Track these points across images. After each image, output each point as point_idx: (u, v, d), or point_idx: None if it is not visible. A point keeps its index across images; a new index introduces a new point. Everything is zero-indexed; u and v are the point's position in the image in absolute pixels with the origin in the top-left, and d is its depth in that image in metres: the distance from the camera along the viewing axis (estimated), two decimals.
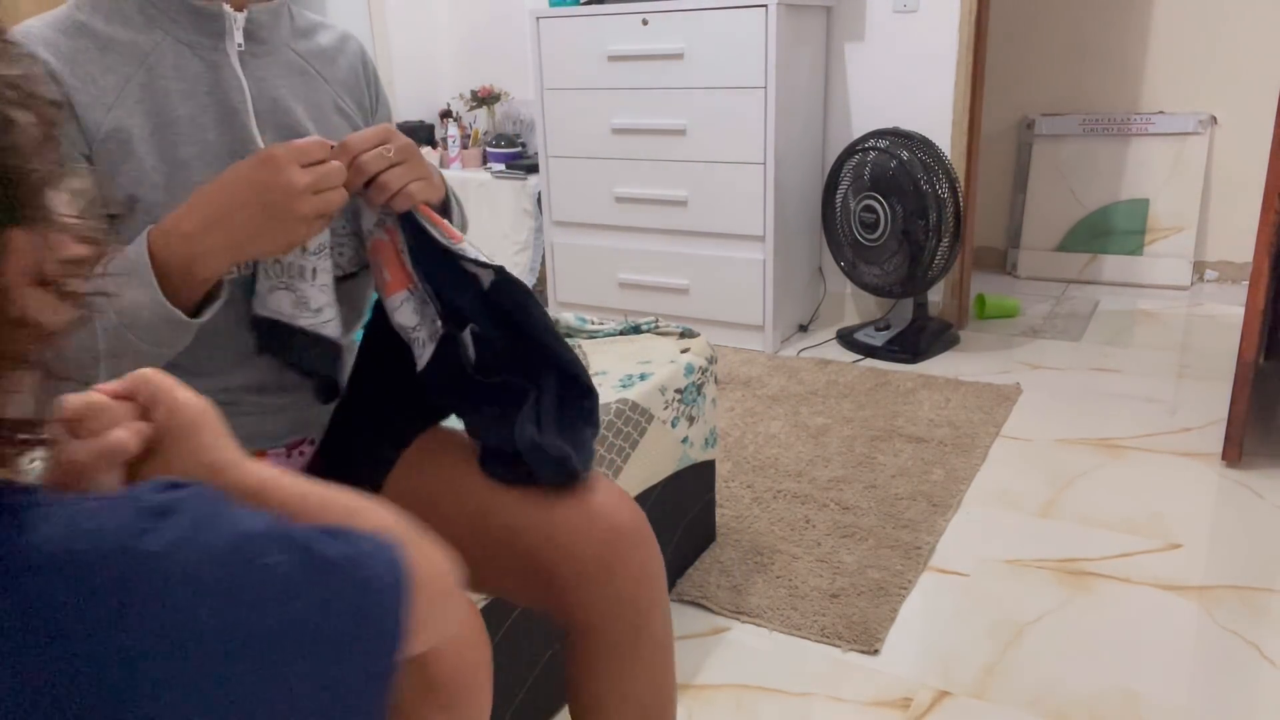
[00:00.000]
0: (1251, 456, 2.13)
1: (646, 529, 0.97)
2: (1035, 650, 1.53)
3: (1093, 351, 2.92)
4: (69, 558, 0.39)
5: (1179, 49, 3.52)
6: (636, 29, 2.93)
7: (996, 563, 1.78)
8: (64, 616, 0.38)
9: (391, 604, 0.48)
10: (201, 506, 0.43)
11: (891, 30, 3.00)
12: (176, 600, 0.40)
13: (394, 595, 0.48)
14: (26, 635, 0.38)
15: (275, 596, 0.43)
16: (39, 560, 0.39)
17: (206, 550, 0.42)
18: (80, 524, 0.40)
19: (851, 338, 3.01)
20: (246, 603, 0.42)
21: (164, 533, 0.41)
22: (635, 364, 1.63)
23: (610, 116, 3.05)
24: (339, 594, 0.46)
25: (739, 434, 2.35)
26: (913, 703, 1.42)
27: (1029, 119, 3.78)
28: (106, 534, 0.40)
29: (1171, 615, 1.61)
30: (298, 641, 0.44)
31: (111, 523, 0.41)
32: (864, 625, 1.59)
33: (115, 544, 0.40)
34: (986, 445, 2.26)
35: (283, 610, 0.43)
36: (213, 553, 0.42)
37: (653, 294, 3.17)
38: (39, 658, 0.38)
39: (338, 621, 0.45)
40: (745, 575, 1.75)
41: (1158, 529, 1.87)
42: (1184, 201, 3.56)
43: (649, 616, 0.96)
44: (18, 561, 0.38)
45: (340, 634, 0.45)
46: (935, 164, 2.77)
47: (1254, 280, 1.99)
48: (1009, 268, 3.89)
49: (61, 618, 0.38)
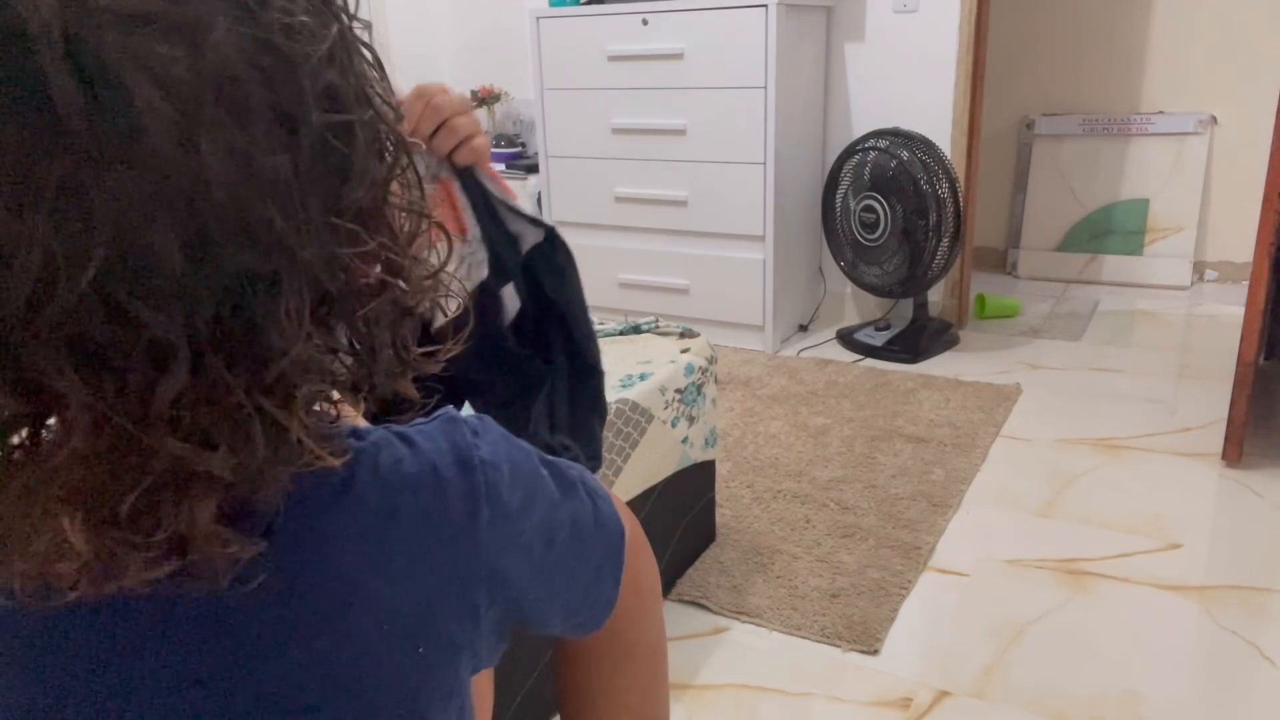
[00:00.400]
0: (1251, 456, 2.13)
1: (641, 537, 0.96)
2: (1035, 650, 1.53)
3: (1093, 351, 2.92)
4: (433, 468, 0.48)
5: (1179, 49, 3.52)
6: (636, 29, 2.93)
7: (996, 563, 1.78)
8: (440, 509, 0.48)
9: (611, 508, 0.62)
10: (496, 427, 0.54)
11: (891, 30, 3.00)
12: (502, 492, 0.51)
13: (610, 503, 0.63)
14: (426, 536, 0.48)
15: (548, 496, 0.55)
16: (414, 469, 0.48)
17: (512, 459, 0.53)
18: (428, 441, 0.49)
19: (851, 338, 3.01)
20: (537, 499, 0.54)
21: (485, 446, 0.51)
22: (635, 364, 1.63)
23: (610, 116, 3.05)
24: (583, 503, 0.59)
25: (739, 434, 2.35)
26: (913, 703, 1.42)
27: (1029, 119, 3.78)
28: (451, 447, 0.50)
29: (1171, 615, 1.61)
30: (571, 532, 0.57)
31: (450, 439, 0.50)
32: (864, 625, 1.59)
33: (462, 454, 0.50)
34: (986, 445, 2.26)
35: (553, 507, 0.56)
36: (516, 461, 0.53)
37: (653, 294, 3.17)
38: (441, 554, 0.48)
39: (585, 520, 0.59)
40: (745, 575, 1.75)
41: (1158, 529, 1.87)
42: (1184, 201, 3.56)
43: (641, 625, 0.95)
44: (394, 482, 0.47)
45: (586, 528, 0.59)
46: (935, 164, 2.77)
47: (1254, 280, 1.99)
48: (1009, 268, 3.89)
49: (437, 510, 0.48)
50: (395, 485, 0.47)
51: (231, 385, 0.39)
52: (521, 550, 0.53)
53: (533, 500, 0.54)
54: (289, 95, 0.39)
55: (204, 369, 0.39)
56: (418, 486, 0.48)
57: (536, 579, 0.55)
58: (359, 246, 0.43)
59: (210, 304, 0.38)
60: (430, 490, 0.48)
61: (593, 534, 0.60)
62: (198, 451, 0.39)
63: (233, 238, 0.37)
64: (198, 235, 0.37)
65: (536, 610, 0.56)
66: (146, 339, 0.37)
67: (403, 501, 0.47)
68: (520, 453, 0.55)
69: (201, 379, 0.39)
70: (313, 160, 0.40)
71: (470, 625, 0.50)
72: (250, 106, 0.37)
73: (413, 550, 0.47)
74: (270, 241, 0.38)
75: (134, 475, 0.39)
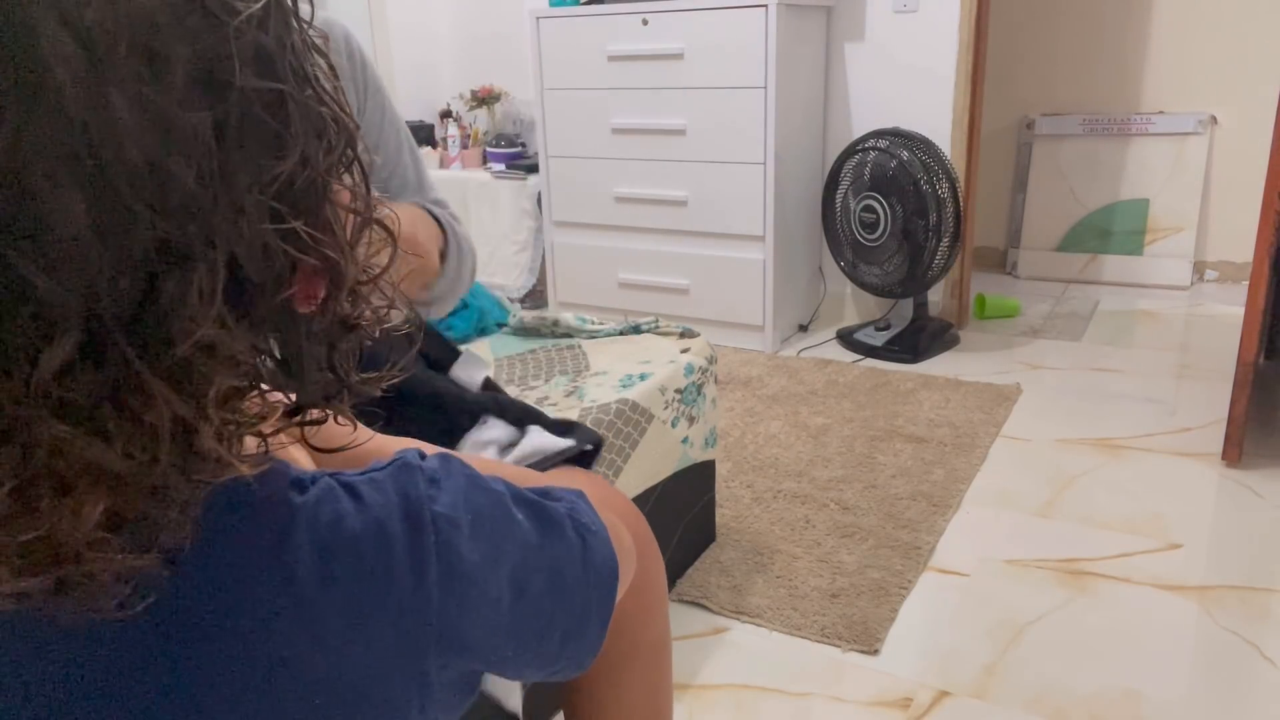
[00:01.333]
0: (1251, 456, 2.13)
1: (649, 535, 0.96)
2: (1035, 650, 1.53)
3: (1093, 351, 2.92)
4: (378, 525, 0.45)
5: (1179, 49, 3.52)
6: (636, 29, 2.93)
7: (996, 563, 1.78)
8: (384, 572, 0.45)
9: (604, 545, 0.58)
10: (462, 470, 0.50)
11: (891, 30, 3.00)
12: (459, 547, 0.47)
13: (604, 539, 0.58)
14: (366, 603, 0.44)
15: (522, 543, 0.52)
16: (358, 528, 0.45)
17: (475, 507, 0.49)
18: (376, 494, 0.46)
19: (851, 338, 3.01)
20: (506, 549, 0.50)
21: (443, 496, 0.47)
22: (635, 364, 1.63)
23: (610, 116, 3.05)
24: (570, 545, 0.55)
25: (739, 434, 2.35)
26: (913, 703, 1.42)
27: (1029, 119, 3.78)
28: (402, 501, 0.46)
29: (1171, 615, 1.61)
30: (551, 579, 0.53)
31: (401, 491, 0.47)
32: (864, 625, 1.59)
33: (413, 508, 0.46)
34: (986, 445, 2.26)
35: (530, 554, 0.52)
36: (479, 509, 0.49)
37: (653, 294, 3.17)
38: (382, 621, 0.45)
39: (570, 564, 0.55)
40: (745, 575, 1.75)
41: (1158, 529, 1.87)
42: (1184, 201, 3.56)
43: (647, 623, 0.95)
44: (333, 543, 0.44)
45: (572, 572, 0.55)
46: (935, 164, 2.77)
47: (1254, 280, 1.99)
48: (1009, 268, 3.89)
49: (381, 573, 0.44)
50: (333, 547, 0.43)
51: (130, 363, 0.35)
52: (485, 607, 0.48)
53: (499, 551, 0.49)
54: (213, 51, 0.36)
55: (100, 343, 0.35)
56: (359, 550, 0.44)
57: (504, 636, 0.51)
58: (286, 230, 0.39)
59: (111, 271, 0.34)
60: (373, 552, 0.44)
61: (579, 578, 0.55)
62: (86, 438, 0.35)
63: (143, 199, 0.34)
64: (104, 194, 0.33)
65: (504, 666, 0.53)
66: (34, 302, 0.33)
67: (340, 566, 0.43)
68: (488, 498, 0.50)
69: (95, 354, 0.35)
70: (240, 127, 0.37)
71: (418, 689, 0.47)
72: (169, 58, 0.34)
73: (350, 618, 0.44)
74: (184, 207, 0.35)
75: (11, 465, 0.35)
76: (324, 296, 0.43)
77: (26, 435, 0.34)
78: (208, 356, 0.37)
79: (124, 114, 0.33)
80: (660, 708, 1.00)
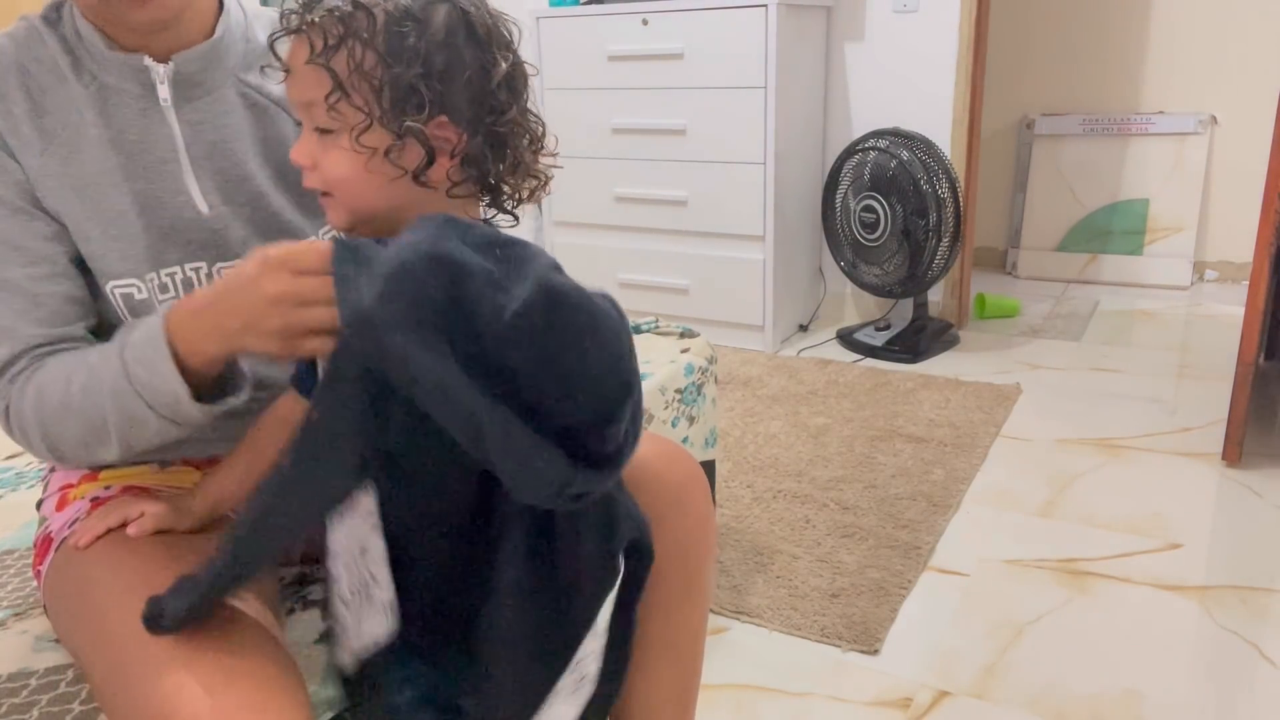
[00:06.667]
0: (1251, 456, 2.13)
1: (705, 477, 0.98)
2: (1035, 650, 1.53)
3: (1093, 351, 2.92)
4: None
5: (1179, 49, 3.53)
6: (636, 29, 2.93)
7: (996, 563, 1.78)
8: None
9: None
10: None
11: (891, 30, 3.00)
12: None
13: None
14: None
15: None
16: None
17: None
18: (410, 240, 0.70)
19: (851, 338, 3.01)
20: None
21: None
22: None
23: (610, 116, 3.05)
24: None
25: (739, 434, 2.35)
26: (913, 703, 1.42)
27: (1029, 119, 3.78)
28: (427, 241, 0.69)
29: (1171, 615, 1.61)
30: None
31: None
32: (864, 625, 1.59)
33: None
34: (986, 445, 2.26)
35: None
36: None
37: (653, 294, 3.17)
38: None
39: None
40: (745, 575, 1.75)
41: (1158, 529, 1.87)
42: (1184, 201, 3.56)
43: (701, 565, 0.98)
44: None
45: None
46: (935, 164, 2.77)
47: (1254, 280, 1.99)
48: (1009, 268, 3.89)
49: None
50: None
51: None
52: None
53: None
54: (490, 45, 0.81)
55: None
56: None
57: None
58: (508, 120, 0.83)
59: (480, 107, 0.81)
60: None
61: None
62: None
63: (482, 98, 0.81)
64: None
65: None
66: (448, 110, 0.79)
67: None
68: None
69: None
70: (510, 74, 0.81)
71: None
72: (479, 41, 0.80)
73: None
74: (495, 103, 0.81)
75: None
76: None
77: None
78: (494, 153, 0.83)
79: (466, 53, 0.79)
80: (700, 652, 1.05)
